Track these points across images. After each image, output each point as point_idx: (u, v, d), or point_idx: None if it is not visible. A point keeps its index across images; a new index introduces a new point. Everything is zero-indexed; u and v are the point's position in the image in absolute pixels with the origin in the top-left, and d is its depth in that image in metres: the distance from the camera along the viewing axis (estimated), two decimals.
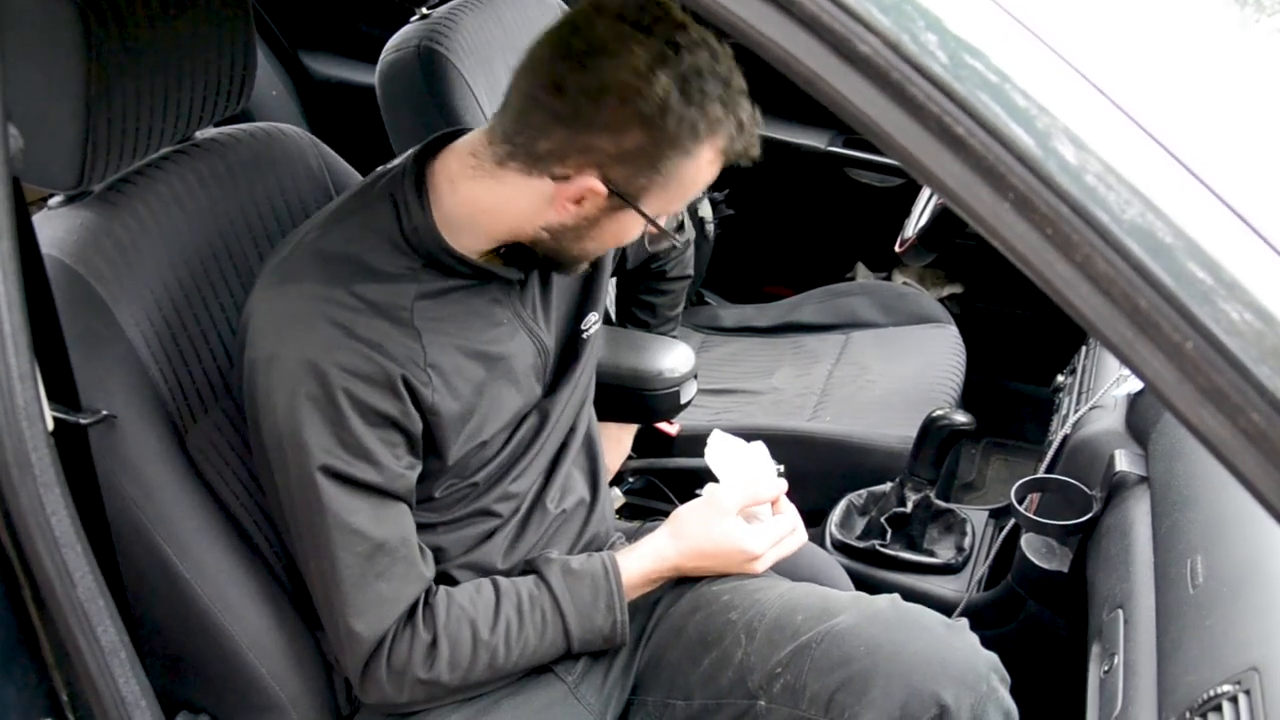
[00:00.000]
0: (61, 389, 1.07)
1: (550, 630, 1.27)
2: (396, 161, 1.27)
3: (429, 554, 1.25)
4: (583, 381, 1.43)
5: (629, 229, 1.20)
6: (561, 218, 1.17)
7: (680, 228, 1.81)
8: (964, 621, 1.32)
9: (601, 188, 1.12)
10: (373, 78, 2.08)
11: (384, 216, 1.20)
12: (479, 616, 1.23)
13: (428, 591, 1.23)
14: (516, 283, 1.28)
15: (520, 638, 1.25)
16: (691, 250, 1.90)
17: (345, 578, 1.17)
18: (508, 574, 1.33)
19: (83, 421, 1.09)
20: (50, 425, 0.98)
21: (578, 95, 1.09)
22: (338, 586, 1.17)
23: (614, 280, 1.85)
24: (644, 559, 1.35)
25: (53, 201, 1.25)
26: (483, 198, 1.19)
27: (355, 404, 1.13)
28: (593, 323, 1.41)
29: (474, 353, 1.24)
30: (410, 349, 1.17)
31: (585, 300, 1.41)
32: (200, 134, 1.36)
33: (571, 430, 1.43)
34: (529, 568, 1.33)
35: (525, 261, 1.27)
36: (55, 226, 1.20)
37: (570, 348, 1.39)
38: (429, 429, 1.21)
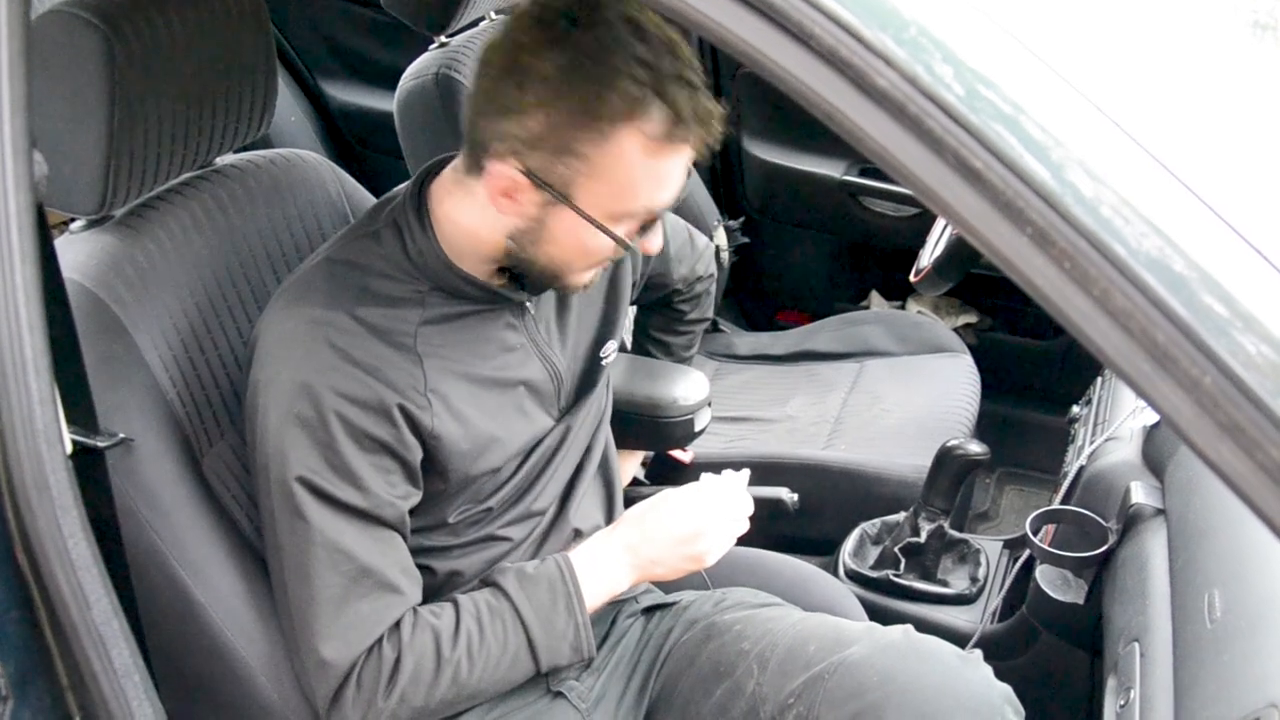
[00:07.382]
0: (80, 412, 1.08)
1: (512, 640, 1.21)
2: (400, 188, 1.27)
3: (418, 578, 1.22)
4: (597, 405, 1.42)
5: (580, 233, 1.14)
6: (511, 219, 1.15)
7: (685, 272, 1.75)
8: (978, 653, 1.32)
9: (522, 176, 1.11)
10: (391, 104, 2.09)
11: (389, 241, 1.21)
12: (442, 630, 1.19)
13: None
14: (529, 307, 1.28)
15: (482, 650, 1.20)
16: (713, 294, 1.87)
17: (323, 599, 1.14)
18: None
19: (100, 445, 1.09)
20: (69, 448, 0.99)
21: (486, 83, 1.11)
22: (313, 610, 1.14)
23: (633, 310, 1.84)
24: (591, 545, 1.31)
25: (74, 226, 1.26)
26: (463, 214, 1.19)
27: (347, 427, 1.13)
28: (611, 350, 1.41)
29: (482, 379, 1.24)
30: (410, 375, 1.17)
31: (605, 328, 1.41)
32: (220, 160, 1.37)
33: (588, 451, 1.42)
34: (485, 580, 1.28)
35: (533, 285, 1.26)
36: (77, 251, 1.21)
37: (588, 374, 1.39)
38: (430, 453, 1.19)
